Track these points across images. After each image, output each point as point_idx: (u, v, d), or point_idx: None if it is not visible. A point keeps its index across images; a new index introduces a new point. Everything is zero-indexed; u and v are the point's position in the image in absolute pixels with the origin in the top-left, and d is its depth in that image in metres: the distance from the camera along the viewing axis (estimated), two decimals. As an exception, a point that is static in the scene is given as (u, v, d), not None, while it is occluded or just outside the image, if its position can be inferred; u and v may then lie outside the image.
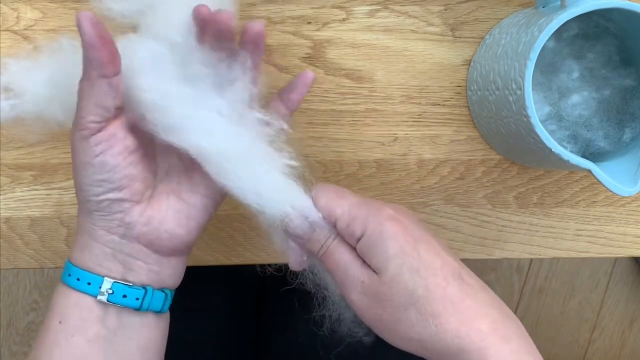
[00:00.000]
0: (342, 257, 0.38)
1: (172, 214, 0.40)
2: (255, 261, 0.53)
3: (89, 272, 0.39)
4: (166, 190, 0.41)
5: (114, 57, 0.36)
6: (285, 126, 0.41)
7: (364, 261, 0.38)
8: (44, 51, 0.41)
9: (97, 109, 0.36)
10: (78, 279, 0.39)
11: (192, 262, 0.53)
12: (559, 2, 0.43)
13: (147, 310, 0.40)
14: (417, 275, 0.35)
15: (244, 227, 0.53)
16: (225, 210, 0.52)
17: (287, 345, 0.63)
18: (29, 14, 0.49)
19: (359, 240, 0.38)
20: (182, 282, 0.63)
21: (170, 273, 0.42)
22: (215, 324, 0.64)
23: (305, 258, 0.41)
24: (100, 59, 0.35)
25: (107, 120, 0.37)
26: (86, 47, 0.35)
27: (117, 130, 0.38)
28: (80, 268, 0.39)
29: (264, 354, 0.67)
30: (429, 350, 0.36)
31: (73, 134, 0.38)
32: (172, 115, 0.38)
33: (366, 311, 0.37)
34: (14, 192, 0.51)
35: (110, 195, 0.38)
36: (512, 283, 1.34)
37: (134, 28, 0.43)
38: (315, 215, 0.39)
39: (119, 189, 0.38)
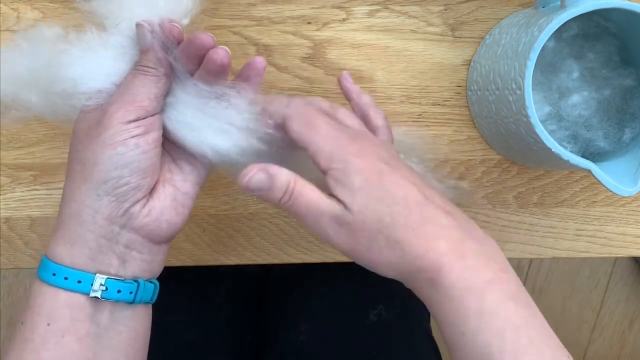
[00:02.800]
0: (311, 196, 0.39)
1: (170, 203, 0.41)
2: (256, 261, 0.53)
3: (77, 269, 0.38)
4: (161, 181, 0.41)
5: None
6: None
7: (329, 194, 0.39)
8: (28, 38, 0.41)
9: (154, 101, 0.39)
10: (66, 278, 0.38)
11: (192, 262, 0.53)
12: (559, 2, 0.43)
13: (139, 302, 0.40)
14: (383, 204, 0.37)
15: (244, 227, 0.53)
16: (225, 210, 0.52)
17: (288, 344, 0.63)
18: (29, 14, 0.49)
19: (324, 173, 0.39)
20: (182, 282, 0.63)
21: (160, 260, 0.42)
22: (215, 324, 0.64)
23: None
24: (169, 61, 0.40)
25: (154, 114, 0.40)
26: (157, 47, 0.39)
27: (156, 121, 0.40)
28: (66, 266, 0.38)
29: (265, 353, 0.67)
30: (400, 273, 0.38)
31: (114, 113, 0.38)
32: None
33: (343, 243, 0.39)
34: (14, 192, 0.51)
35: (133, 179, 0.38)
36: (512, 283, 1.34)
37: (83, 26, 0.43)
38: (271, 165, 0.39)
39: (144, 175, 0.39)
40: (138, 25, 0.39)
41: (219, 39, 0.49)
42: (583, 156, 0.45)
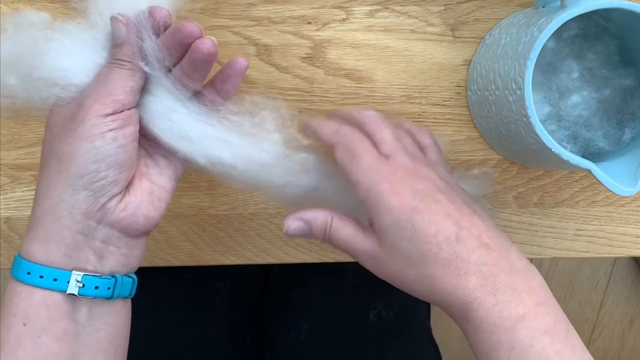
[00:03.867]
0: (346, 232, 0.41)
1: (147, 197, 0.40)
2: (255, 261, 0.53)
3: (53, 267, 0.37)
4: (137, 175, 0.41)
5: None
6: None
7: (362, 229, 0.41)
8: (13, 22, 0.41)
9: (130, 94, 0.39)
10: (41, 277, 0.37)
11: (192, 262, 0.53)
12: (559, 2, 0.43)
13: (117, 297, 0.40)
14: (412, 243, 0.38)
15: (244, 227, 0.53)
16: (225, 210, 0.52)
17: (288, 344, 0.63)
18: (20, 8, 0.49)
19: (363, 200, 0.41)
20: (182, 282, 0.63)
21: (138, 254, 0.41)
22: (215, 324, 0.64)
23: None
24: (133, 50, 0.39)
25: (130, 107, 0.39)
26: (132, 41, 0.39)
27: (132, 114, 0.40)
28: (40, 264, 0.37)
29: (265, 353, 0.67)
30: (431, 301, 0.40)
31: (90, 106, 0.38)
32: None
33: (376, 271, 0.41)
34: (14, 192, 0.51)
35: (110, 174, 0.38)
36: (512, 283, 1.34)
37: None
38: (305, 214, 0.42)
39: (120, 170, 0.38)
40: (112, 18, 0.39)
41: (219, 39, 0.49)
42: (583, 156, 0.45)
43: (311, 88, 0.51)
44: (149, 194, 0.41)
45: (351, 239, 0.41)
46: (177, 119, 0.41)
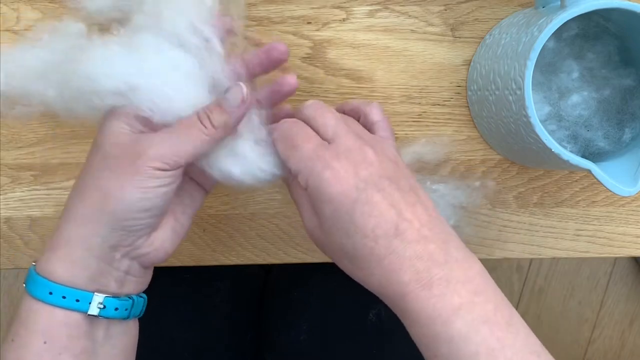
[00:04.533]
0: (299, 198, 0.41)
1: (170, 234, 0.41)
2: (255, 261, 0.53)
3: (76, 288, 0.38)
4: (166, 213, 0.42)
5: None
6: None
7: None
8: (50, 31, 0.41)
9: (191, 158, 0.39)
10: (64, 297, 0.38)
11: (192, 262, 0.53)
12: (559, 2, 0.43)
13: (132, 317, 0.41)
14: (347, 237, 0.38)
15: (244, 227, 0.53)
16: (225, 210, 0.52)
17: (288, 344, 0.63)
18: (29, 14, 0.49)
19: (306, 190, 0.40)
20: (181, 282, 0.63)
21: (149, 279, 0.43)
22: (215, 324, 0.64)
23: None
24: (231, 126, 0.40)
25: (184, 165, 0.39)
26: (237, 115, 0.40)
27: (183, 170, 0.39)
28: (63, 285, 0.38)
29: (265, 353, 0.67)
30: (368, 288, 0.40)
31: (149, 156, 0.37)
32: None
33: (318, 240, 0.41)
34: (14, 192, 0.51)
35: (150, 221, 0.39)
36: (512, 283, 1.34)
37: (107, 25, 0.43)
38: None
39: (159, 216, 0.39)
40: (237, 85, 0.39)
41: (219, 39, 0.49)
42: (583, 156, 0.45)
43: (311, 88, 0.51)
44: (173, 231, 0.41)
45: (302, 204, 0.41)
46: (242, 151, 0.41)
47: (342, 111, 0.46)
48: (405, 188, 0.39)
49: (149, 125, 0.39)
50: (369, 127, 0.44)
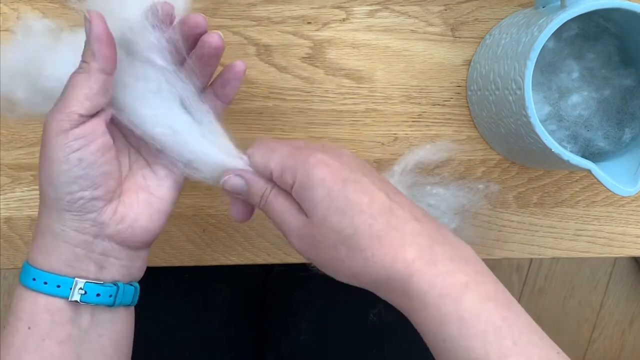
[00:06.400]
0: (279, 206, 0.40)
1: (144, 209, 0.40)
2: (255, 261, 0.53)
3: (57, 274, 0.38)
4: (134, 187, 0.41)
5: (115, 55, 0.38)
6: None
7: (300, 207, 0.39)
8: (21, 30, 0.41)
9: (86, 102, 0.37)
10: (45, 283, 0.38)
11: (192, 262, 0.53)
12: (559, 2, 0.43)
13: (119, 305, 0.40)
14: (344, 216, 0.37)
15: (244, 227, 0.53)
16: (225, 210, 0.52)
17: (289, 344, 0.63)
18: (29, 14, 0.49)
19: (292, 188, 0.39)
20: (181, 282, 0.63)
21: (139, 266, 0.42)
22: (216, 324, 0.64)
23: (248, 209, 0.43)
24: (105, 54, 0.37)
25: (90, 117, 0.37)
26: (94, 40, 0.36)
27: (97, 126, 0.38)
28: (45, 271, 0.38)
29: (266, 352, 0.67)
30: (363, 283, 0.38)
31: (49, 125, 0.37)
32: (146, 112, 0.40)
33: (305, 252, 0.39)
34: (14, 192, 0.51)
35: (86, 194, 0.37)
36: (512, 283, 1.34)
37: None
38: (248, 172, 0.41)
39: (95, 187, 0.38)
40: (85, 18, 0.37)
41: (219, 39, 0.49)
42: (583, 156, 0.45)
43: (311, 88, 0.51)
44: (147, 205, 0.40)
45: (283, 212, 0.39)
46: (176, 124, 0.40)
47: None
48: (384, 181, 0.40)
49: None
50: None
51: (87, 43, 0.37)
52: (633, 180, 0.42)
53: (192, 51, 0.41)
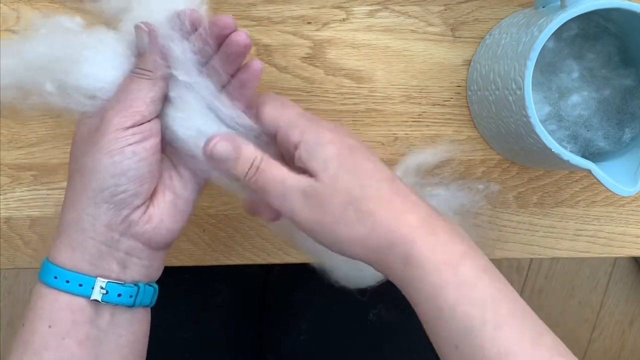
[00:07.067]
0: (277, 171, 0.38)
1: (170, 210, 0.41)
2: (256, 261, 0.53)
3: (79, 273, 0.38)
4: (161, 187, 0.41)
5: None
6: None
7: (297, 172, 0.39)
8: (47, 25, 0.41)
9: (151, 105, 0.39)
10: (67, 281, 0.38)
11: (193, 262, 0.53)
12: (559, 2, 0.43)
13: (138, 306, 0.40)
14: (354, 176, 0.37)
15: (244, 227, 0.53)
16: (225, 210, 0.52)
17: (289, 344, 0.63)
18: (29, 14, 0.49)
19: (296, 147, 0.39)
20: (181, 282, 0.63)
21: (158, 266, 0.42)
22: (216, 324, 0.64)
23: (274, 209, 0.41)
24: (163, 64, 0.39)
25: (151, 119, 0.39)
26: (154, 50, 0.39)
27: (153, 126, 0.39)
28: (67, 269, 0.38)
29: (266, 353, 0.67)
30: (368, 249, 0.37)
31: (110, 120, 0.38)
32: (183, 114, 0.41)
33: (308, 217, 0.38)
34: (14, 192, 0.51)
35: (131, 187, 0.38)
36: (512, 283, 1.31)
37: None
38: (237, 137, 0.39)
39: (141, 182, 0.39)
40: (136, 27, 0.39)
41: (219, 39, 0.49)
42: (583, 156, 0.45)
43: (311, 88, 0.51)
44: (173, 206, 0.41)
45: (282, 176, 0.38)
46: (203, 126, 0.41)
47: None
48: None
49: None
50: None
51: (146, 52, 0.39)
52: (633, 180, 0.42)
53: (218, 51, 0.41)
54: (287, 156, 0.41)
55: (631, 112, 0.48)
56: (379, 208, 0.37)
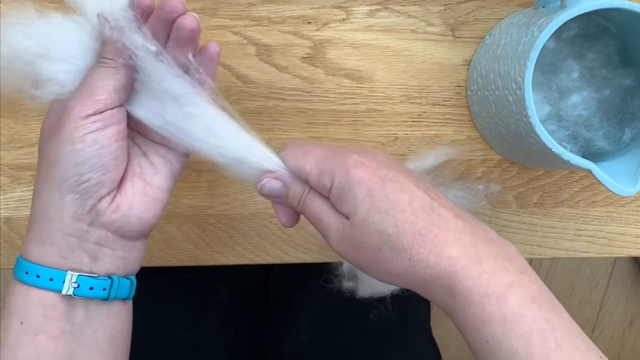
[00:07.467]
0: (317, 208, 0.39)
1: (139, 198, 0.40)
2: (256, 261, 0.53)
3: (49, 267, 0.38)
4: (129, 175, 0.41)
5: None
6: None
7: (335, 209, 0.39)
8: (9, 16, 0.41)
9: (113, 93, 0.38)
10: (38, 276, 0.38)
11: (193, 262, 0.53)
12: (559, 2, 0.43)
13: (114, 299, 0.40)
14: (386, 215, 0.37)
15: (244, 227, 0.53)
16: (225, 210, 0.52)
17: (289, 344, 0.63)
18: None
19: (330, 191, 0.39)
20: (181, 282, 0.63)
21: (135, 257, 0.41)
22: (216, 324, 0.64)
23: (293, 213, 0.43)
24: (120, 49, 0.38)
25: (114, 107, 0.38)
26: (115, 38, 0.38)
27: (115, 114, 0.39)
28: (37, 264, 0.38)
29: (266, 353, 0.67)
30: (409, 282, 0.37)
31: (71, 109, 0.37)
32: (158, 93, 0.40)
33: (346, 255, 0.39)
34: (14, 192, 0.51)
35: (94, 176, 0.37)
36: (512, 283, 1.34)
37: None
38: (286, 175, 0.41)
39: (104, 170, 0.38)
40: (98, 16, 0.38)
41: (219, 39, 0.49)
42: (583, 156, 0.45)
43: (311, 88, 0.51)
44: (143, 194, 0.40)
45: (321, 215, 0.39)
46: (170, 109, 0.40)
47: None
48: (419, 178, 0.40)
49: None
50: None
51: (108, 41, 0.38)
52: (633, 180, 0.42)
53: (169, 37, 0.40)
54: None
55: (631, 112, 0.48)
56: (415, 243, 0.36)
